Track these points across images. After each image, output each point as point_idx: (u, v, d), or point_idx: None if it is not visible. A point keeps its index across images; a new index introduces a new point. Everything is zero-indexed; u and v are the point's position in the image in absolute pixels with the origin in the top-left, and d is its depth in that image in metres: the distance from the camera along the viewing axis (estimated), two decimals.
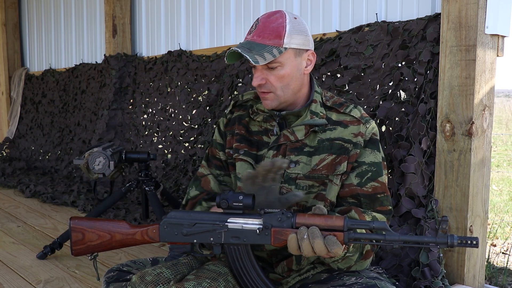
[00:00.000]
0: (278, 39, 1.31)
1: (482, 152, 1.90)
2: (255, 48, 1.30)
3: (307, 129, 1.39)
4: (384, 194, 1.37)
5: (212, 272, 1.21)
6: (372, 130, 1.39)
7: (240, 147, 1.44)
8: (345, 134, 1.38)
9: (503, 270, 2.45)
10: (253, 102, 1.50)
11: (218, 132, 1.54)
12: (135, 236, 1.26)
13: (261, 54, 1.29)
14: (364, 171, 1.36)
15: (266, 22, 1.33)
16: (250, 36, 1.34)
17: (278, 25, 1.32)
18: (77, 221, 1.30)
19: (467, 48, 1.83)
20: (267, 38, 1.31)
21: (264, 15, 1.36)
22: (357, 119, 1.39)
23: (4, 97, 5.74)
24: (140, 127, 3.82)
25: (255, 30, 1.34)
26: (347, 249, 1.24)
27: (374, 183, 1.36)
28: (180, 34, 3.65)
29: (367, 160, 1.37)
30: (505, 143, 8.38)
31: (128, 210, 3.22)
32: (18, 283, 2.13)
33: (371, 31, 2.23)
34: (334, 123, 1.40)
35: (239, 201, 1.20)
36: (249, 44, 1.32)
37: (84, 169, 2.36)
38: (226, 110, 1.56)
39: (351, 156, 1.36)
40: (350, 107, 1.41)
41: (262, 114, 1.45)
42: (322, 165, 1.36)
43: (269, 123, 1.44)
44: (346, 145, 1.37)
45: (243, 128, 1.47)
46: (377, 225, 1.13)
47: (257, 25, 1.34)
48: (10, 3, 5.70)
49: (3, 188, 4.31)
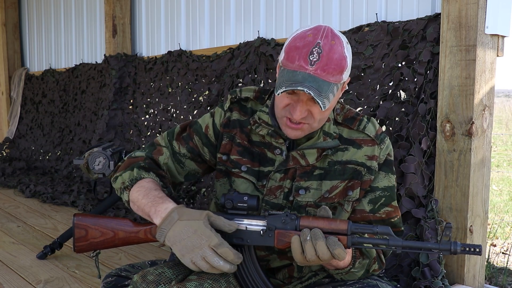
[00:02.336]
0: (340, 74, 1.16)
1: (482, 152, 1.90)
2: (323, 88, 1.13)
3: (319, 152, 1.29)
4: (397, 217, 1.33)
5: (214, 273, 1.21)
6: (386, 150, 1.31)
7: (243, 162, 1.34)
8: (358, 156, 1.29)
9: (503, 270, 2.45)
10: (253, 104, 1.38)
11: (212, 127, 1.40)
12: (138, 234, 1.26)
13: (327, 97, 1.14)
14: (378, 197, 1.31)
15: (330, 53, 1.14)
16: (313, 68, 1.13)
17: (340, 56, 1.16)
18: (81, 217, 1.30)
19: (467, 48, 1.83)
20: (331, 74, 1.14)
21: (323, 39, 1.15)
22: (372, 139, 1.29)
23: (4, 97, 5.74)
24: (142, 128, 3.82)
25: (318, 61, 1.13)
26: (352, 264, 1.23)
27: (388, 208, 1.31)
28: (180, 34, 3.65)
29: (381, 185, 1.31)
30: (505, 143, 8.38)
31: (128, 210, 3.21)
32: (18, 283, 2.13)
33: (371, 31, 2.24)
34: (346, 142, 1.30)
35: (244, 201, 1.19)
36: (316, 82, 1.12)
37: (84, 169, 2.36)
38: (223, 103, 1.42)
39: (364, 182, 1.29)
40: (364, 123, 1.31)
41: (266, 127, 1.31)
42: (334, 193, 1.29)
43: (274, 139, 1.31)
44: (359, 169, 1.29)
45: (245, 138, 1.35)
46: (381, 229, 1.12)
47: (320, 54, 1.14)
48: (10, 3, 5.70)
49: (3, 188, 4.31)
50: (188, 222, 1.13)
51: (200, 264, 1.11)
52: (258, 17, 2.99)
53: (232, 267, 1.13)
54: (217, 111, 1.42)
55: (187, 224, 1.13)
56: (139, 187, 1.29)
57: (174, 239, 1.13)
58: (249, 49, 2.89)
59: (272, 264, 1.37)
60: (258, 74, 2.81)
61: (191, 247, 1.11)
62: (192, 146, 1.41)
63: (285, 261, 1.36)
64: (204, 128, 1.42)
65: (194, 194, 3.08)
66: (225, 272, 1.14)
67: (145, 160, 1.38)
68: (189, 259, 1.12)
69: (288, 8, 2.80)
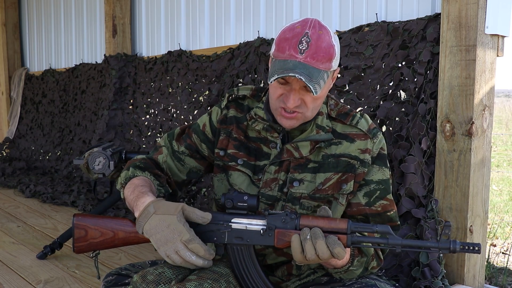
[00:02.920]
0: (329, 62, 1.21)
1: (482, 152, 1.90)
2: (314, 75, 1.17)
3: (312, 145, 1.32)
4: (393, 211, 1.35)
5: (213, 273, 1.21)
6: (379, 145, 1.34)
7: (239, 156, 1.38)
8: (352, 149, 1.32)
9: (503, 270, 2.45)
10: (250, 101, 1.42)
11: (209, 124, 1.45)
12: (138, 234, 1.26)
13: (318, 82, 1.18)
14: (373, 190, 1.33)
15: (318, 41, 1.19)
16: (302, 56, 1.18)
17: (328, 44, 1.20)
18: (81, 217, 1.30)
19: (467, 48, 1.84)
20: (320, 61, 1.19)
21: (311, 29, 1.21)
22: (364, 133, 1.33)
23: (4, 97, 5.74)
24: (143, 128, 3.82)
25: (307, 49, 1.18)
26: (350, 262, 1.24)
27: (383, 201, 1.33)
28: (180, 34, 3.65)
29: (375, 178, 1.33)
30: (505, 143, 8.38)
31: (128, 210, 3.22)
32: (18, 283, 2.13)
33: (371, 31, 2.24)
34: (339, 136, 1.34)
35: (244, 201, 1.20)
36: (306, 69, 1.17)
37: (84, 169, 2.36)
38: (221, 102, 1.46)
39: (358, 174, 1.31)
40: (356, 118, 1.34)
41: (262, 122, 1.36)
42: (328, 185, 1.32)
43: (269, 134, 1.36)
44: (353, 162, 1.31)
45: (242, 133, 1.39)
46: (380, 228, 1.13)
47: (308, 43, 1.19)
48: (10, 3, 5.70)
49: (3, 188, 4.31)
50: (162, 216, 1.17)
51: (174, 257, 1.15)
52: (258, 17, 3.00)
53: (206, 262, 1.16)
54: (214, 109, 1.47)
55: (162, 218, 1.16)
56: (130, 185, 1.33)
57: (150, 232, 1.17)
58: (249, 49, 2.89)
59: (268, 259, 1.39)
60: (258, 74, 2.81)
61: (165, 241, 1.15)
62: (190, 143, 1.46)
63: (281, 258, 1.38)
64: (202, 126, 1.47)
65: (194, 194, 3.08)
66: (199, 267, 1.17)
67: (142, 160, 1.43)
68: (163, 252, 1.16)
69: (288, 8, 2.81)
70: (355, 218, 1.35)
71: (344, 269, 1.25)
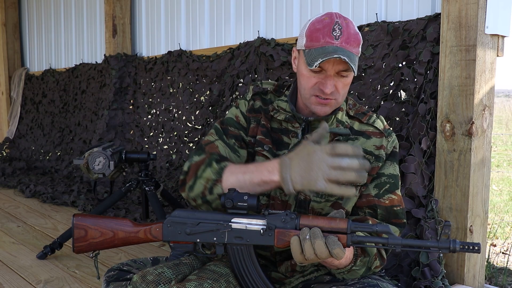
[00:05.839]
0: (358, 47, 1.30)
1: (482, 152, 1.90)
2: (351, 57, 1.25)
3: (331, 138, 1.37)
4: (400, 207, 1.37)
5: (213, 273, 1.21)
6: (393, 143, 1.40)
7: (266, 142, 1.40)
8: (367, 145, 1.37)
9: (503, 270, 2.45)
10: (272, 96, 1.47)
11: (241, 114, 1.46)
12: (138, 234, 1.26)
13: (355, 64, 1.27)
14: (383, 183, 1.36)
15: (348, 28, 1.28)
16: (338, 42, 1.26)
17: (355, 31, 1.29)
18: (80, 218, 1.30)
19: (467, 48, 1.84)
20: (353, 46, 1.28)
21: (339, 19, 1.29)
22: (380, 131, 1.39)
23: (4, 97, 5.74)
24: (145, 128, 3.82)
25: (341, 36, 1.26)
26: (353, 262, 1.24)
27: (392, 195, 1.36)
28: (180, 34, 3.65)
29: (387, 172, 1.37)
30: (505, 143, 8.38)
31: (128, 210, 3.22)
32: (18, 283, 2.13)
33: (371, 31, 2.24)
34: (356, 133, 1.39)
35: (244, 201, 1.19)
36: (344, 52, 1.24)
37: (84, 169, 2.36)
38: (245, 95, 1.50)
39: (372, 168, 1.35)
40: (373, 118, 1.41)
41: (284, 113, 1.40)
42: None
43: (291, 124, 1.40)
44: (368, 157, 1.35)
45: (268, 122, 1.43)
46: (380, 228, 1.13)
47: (341, 29, 1.27)
48: (10, 3, 5.70)
49: (3, 188, 4.31)
50: (295, 154, 1.18)
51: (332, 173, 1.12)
52: (258, 17, 3.00)
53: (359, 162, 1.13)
54: (241, 102, 1.49)
55: (297, 155, 1.17)
56: (230, 173, 1.28)
57: (298, 175, 1.15)
58: (249, 49, 2.90)
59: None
60: (258, 74, 2.81)
61: (312, 167, 1.13)
62: (235, 134, 1.44)
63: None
64: (235, 117, 1.48)
65: None
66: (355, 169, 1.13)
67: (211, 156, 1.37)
68: (321, 175, 1.13)
69: (288, 8, 2.81)
70: (363, 210, 1.36)
71: (347, 269, 1.25)
